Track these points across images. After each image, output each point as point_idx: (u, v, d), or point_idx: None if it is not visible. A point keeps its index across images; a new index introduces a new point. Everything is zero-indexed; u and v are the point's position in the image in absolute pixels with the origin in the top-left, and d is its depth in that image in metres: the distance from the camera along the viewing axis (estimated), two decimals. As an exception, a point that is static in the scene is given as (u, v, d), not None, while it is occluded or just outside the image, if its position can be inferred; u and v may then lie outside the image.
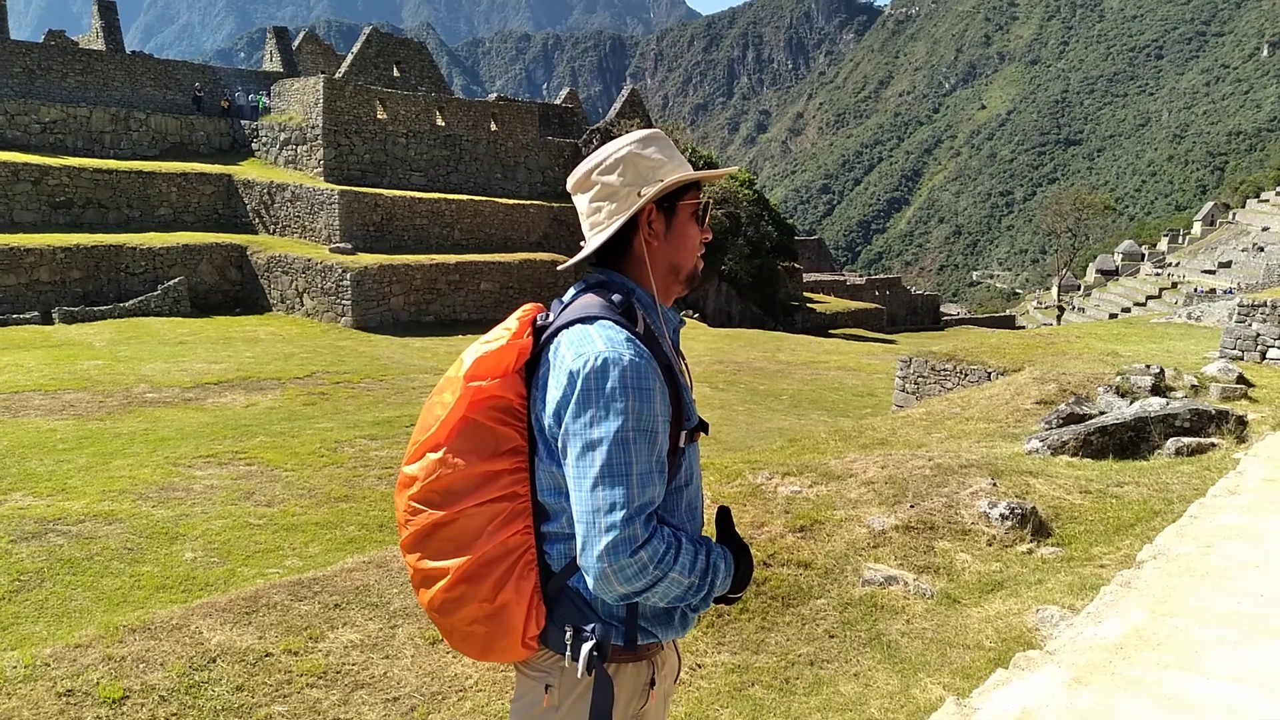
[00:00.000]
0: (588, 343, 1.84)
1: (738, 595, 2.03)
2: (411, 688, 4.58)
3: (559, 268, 2.13)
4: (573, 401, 1.81)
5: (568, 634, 1.90)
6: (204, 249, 30.72)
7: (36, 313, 26.16)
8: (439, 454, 1.92)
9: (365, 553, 6.71)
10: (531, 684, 2.00)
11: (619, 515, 1.75)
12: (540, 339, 1.97)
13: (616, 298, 1.94)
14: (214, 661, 4.58)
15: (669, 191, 2.00)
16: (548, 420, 1.88)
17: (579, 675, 1.89)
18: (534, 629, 1.93)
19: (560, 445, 1.86)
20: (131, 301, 27.91)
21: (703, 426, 2.04)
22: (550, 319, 1.98)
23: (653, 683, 2.01)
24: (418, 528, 1.94)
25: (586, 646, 1.88)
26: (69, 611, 7.02)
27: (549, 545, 1.95)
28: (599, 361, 1.80)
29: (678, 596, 1.86)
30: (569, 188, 2.08)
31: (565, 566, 1.93)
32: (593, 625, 1.90)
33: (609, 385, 1.79)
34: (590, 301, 1.95)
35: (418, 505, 1.94)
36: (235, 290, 31.29)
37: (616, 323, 1.88)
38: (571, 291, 2.03)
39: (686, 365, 2.10)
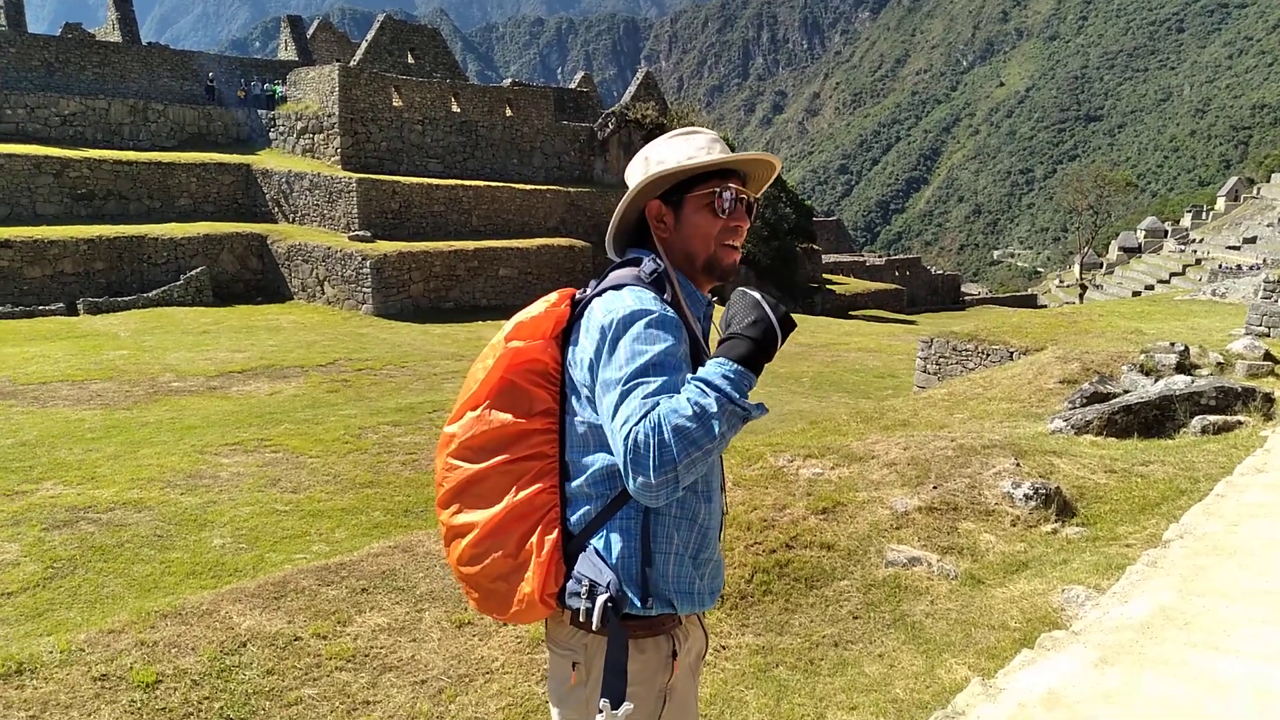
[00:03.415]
0: (618, 301, 1.95)
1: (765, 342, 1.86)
2: (439, 670, 4.63)
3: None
4: (604, 351, 1.91)
5: (584, 591, 1.96)
6: (225, 238, 30.92)
7: (61, 304, 26.43)
8: (477, 412, 2.04)
9: (391, 538, 6.77)
10: (561, 662, 2.06)
11: (633, 421, 1.79)
12: (576, 310, 2.08)
13: (648, 268, 2.05)
14: (244, 646, 4.64)
15: (674, 184, 2.09)
16: (581, 375, 1.98)
17: (594, 628, 1.95)
18: (553, 586, 1.99)
19: (595, 395, 1.94)
20: (154, 291, 28.15)
21: None
22: (587, 293, 2.08)
23: (674, 654, 2.04)
24: (453, 483, 2.04)
25: (601, 598, 1.93)
26: (101, 598, 7.12)
27: (570, 507, 2.03)
28: (628, 312, 1.91)
29: (704, 434, 1.75)
30: None
31: (585, 528, 2.00)
32: (609, 581, 1.95)
33: (634, 329, 1.89)
34: (622, 273, 2.06)
35: (454, 461, 2.04)
36: (256, 279, 31.49)
37: (646, 288, 1.99)
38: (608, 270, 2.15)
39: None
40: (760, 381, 1.80)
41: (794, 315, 1.94)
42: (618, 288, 1.99)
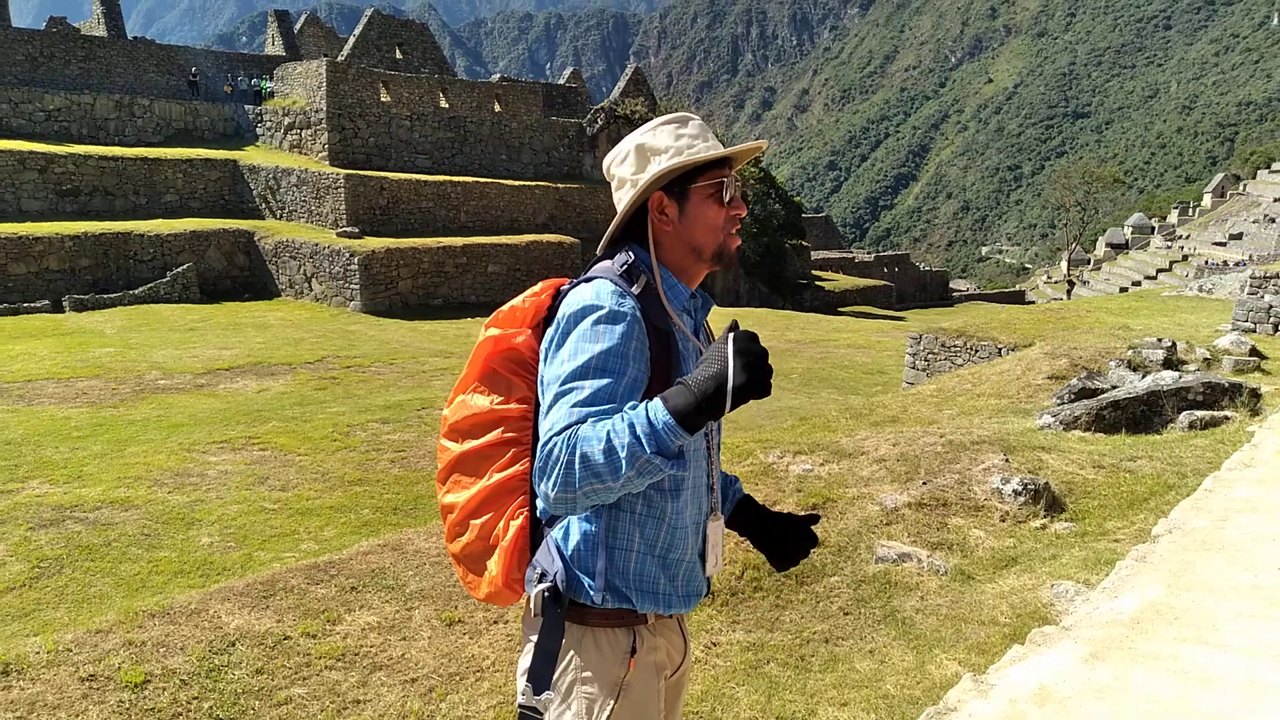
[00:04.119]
0: (578, 295, 1.95)
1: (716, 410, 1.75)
2: (429, 669, 4.61)
3: (597, 251, 2.21)
4: (553, 344, 1.93)
5: (535, 578, 1.98)
6: (212, 235, 30.76)
7: (47, 301, 26.26)
8: (463, 397, 2.11)
9: (380, 536, 6.74)
10: (526, 643, 2.07)
11: (554, 432, 1.80)
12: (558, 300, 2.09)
13: (620, 260, 2.03)
14: (233, 645, 4.62)
15: (681, 174, 2.05)
16: (541, 367, 2.00)
17: (532, 614, 1.98)
18: (517, 572, 2.02)
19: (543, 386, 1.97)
20: (141, 289, 27.99)
21: None
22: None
23: (633, 650, 2.00)
24: (443, 463, 2.11)
25: (540, 587, 1.96)
26: (89, 597, 7.08)
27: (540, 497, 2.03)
28: (579, 307, 1.91)
29: (609, 471, 1.72)
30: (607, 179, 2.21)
31: (551, 518, 2.01)
32: (557, 571, 1.96)
33: (580, 327, 1.89)
34: (598, 266, 2.06)
35: (444, 443, 2.12)
36: (244, 276, 31.35)
37: (612, 280, 1.97)
38: None
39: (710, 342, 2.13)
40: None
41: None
42: (589, 280, 2.00)
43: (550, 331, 1.95)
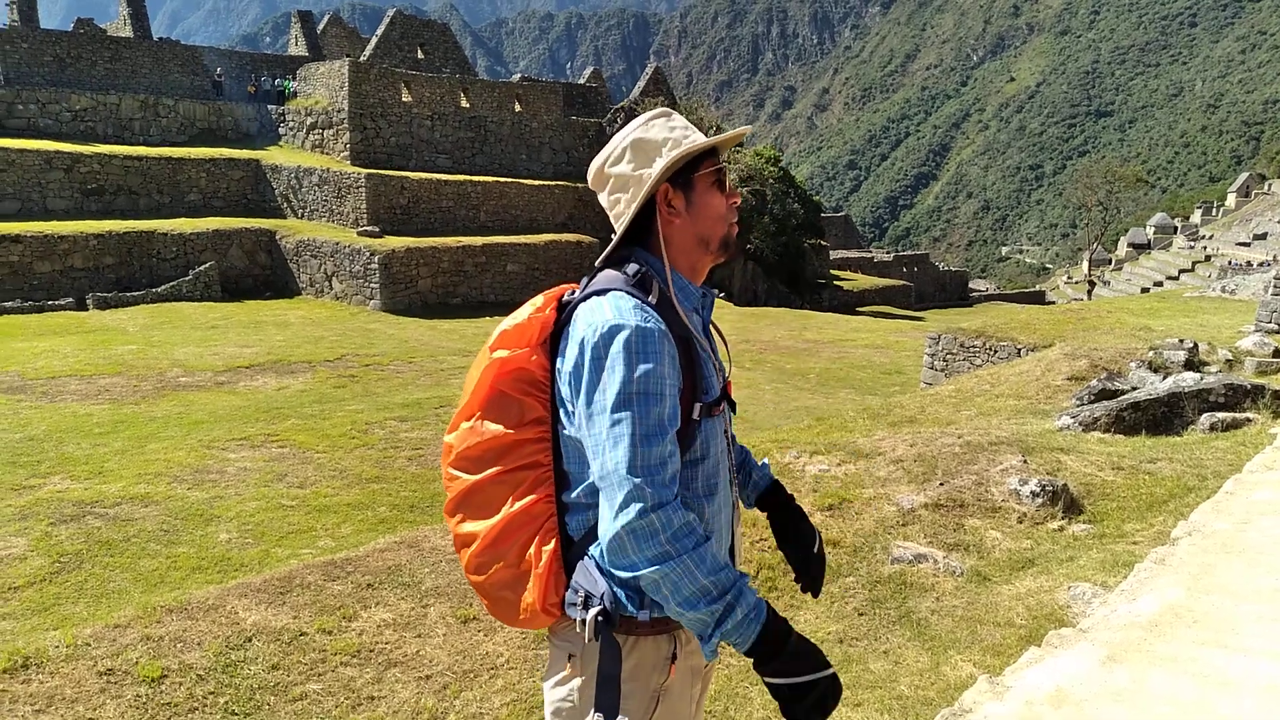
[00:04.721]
0: (598, 312, 1.90)
1: (763, 663, 1.90)
2: (444, 666, 4.63)
3: (597, 262, 2.16)
4: (584, 369, 1.87)
5: (580, 602, 1.94)
6: (234, 234, 31.01)
7: (71, 299, 26.54)
8: (470, 423, 2.03)
9: (397, 533, 6.78)
10: (559, 654, 2.05)
11: (624, 474, 1.78)
12: (564, 314, 2.03)
13: (631, 269, 2.00)
14: (250, 641, 4.65)
15: (682, 165, 2.03)
16: (565, 390, 1.95)
17: (586, 640, 1.94)
18: (554, 596, 1.97)
19: (575, 413, 1.92)
20: (164, 287, 28.25)
21: (726, 401, 2.06)
22: (576, 295, 2.03)
23: (673, 657, 2.01)
24: (455, 493, 2.04)
25: (592, 612, 1.91)
26: (108, 592, 7.15)
27: (569, 515, 2.00)
28: (605, 328, 1.86)
29: (683, 596, 1.79)
30: (591, 186, 2.16)
31: (584, 536, 1.98)
32: (603, 592, 1.93)
33: (613, 350, 1.84)
34: (608, 275, 2.01)
35: (454, 472, 2.04)
36: (265, 274, 31.58)
37: (628, 293, 1.93)
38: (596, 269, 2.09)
39: (722, 340, 2.13)
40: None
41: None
42: (602, 293, 1.95)
43: (573, 356, 1.90)
